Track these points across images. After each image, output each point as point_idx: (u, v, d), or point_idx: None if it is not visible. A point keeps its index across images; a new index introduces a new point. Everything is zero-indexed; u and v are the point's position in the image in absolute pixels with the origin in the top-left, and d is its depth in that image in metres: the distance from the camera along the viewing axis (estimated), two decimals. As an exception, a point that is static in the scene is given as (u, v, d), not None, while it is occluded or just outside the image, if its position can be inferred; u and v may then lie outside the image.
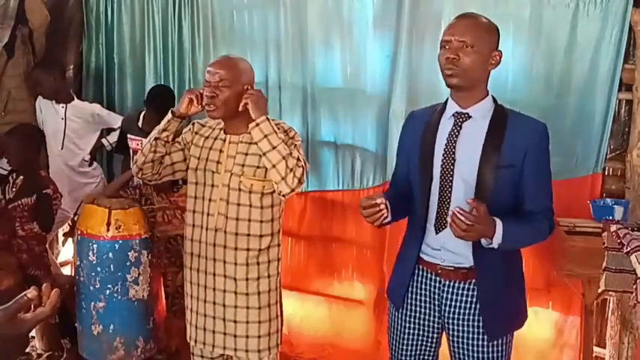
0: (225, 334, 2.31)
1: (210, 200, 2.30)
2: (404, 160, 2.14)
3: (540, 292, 3.18)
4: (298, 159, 2.18)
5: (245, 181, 2.24)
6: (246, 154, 2.26)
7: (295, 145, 2.25)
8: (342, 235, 3.63)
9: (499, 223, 1.81)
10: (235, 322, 2.30)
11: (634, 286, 2.33)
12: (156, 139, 2.30)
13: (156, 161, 2.32)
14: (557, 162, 2.85)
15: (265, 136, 2.16)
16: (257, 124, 2.17)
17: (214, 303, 2.31)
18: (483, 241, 1.85)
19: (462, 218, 1.74)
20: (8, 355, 1.24)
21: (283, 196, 2.22)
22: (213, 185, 2.29)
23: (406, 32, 3.32)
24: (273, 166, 2.16)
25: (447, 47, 1.90)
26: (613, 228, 2.55)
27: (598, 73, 3.06)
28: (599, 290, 2.69)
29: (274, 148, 2.15)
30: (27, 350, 3.37)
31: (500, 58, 1.94)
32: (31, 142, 3.22)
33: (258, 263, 2.29)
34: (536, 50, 3.14)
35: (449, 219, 1.78)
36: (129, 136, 3.57)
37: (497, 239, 1.82)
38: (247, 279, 2.28)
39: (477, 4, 3.01)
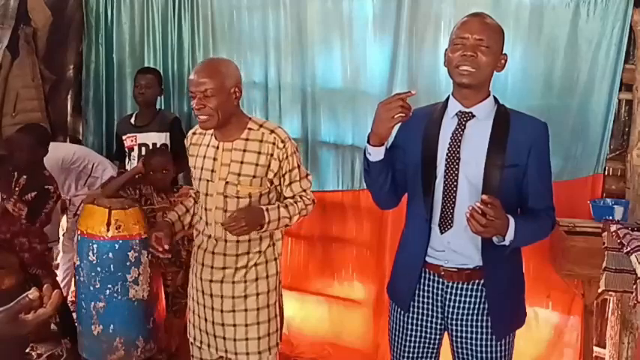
0: (224, 338, 2.31)
1: (206, 210, 2.29)
2: (396, 154, 2.03)
3: (540, 293, 3.18)
4: (308, 204, 2.31)
5: (242, 190, 2.23)
6: (242, 163, 2.23)
7: (295, 154, 2.26)
8: (342, 235, 3.63)
9: (511, 220, 1.81)
10: (234, 325, 2.29)
11: (634, 286, 2.33)
12: None
13: None
14: (557, 163, 2.85)
15: (278, 227, 2.26)
16: (265, 230, 2.24)
17: (213, 309, 2.31)
18: (495, 239, 1.83)
19: (481, 213, 1.72)
20: (9, 356, 1.24)
21: None
22: (207, 194, 2.28)
23: (406, 33, 3.32)
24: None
25: (461, 44, 1.85)
26: (613, 228, 2.55)
27: (598, 73, 3.06)
28: (599, 290, 2.68)
29: (291, 220, 2.27)
30: (27, 350, 3.37)
31: (506, 62, 1.93)
32: (42, 142, 3.20)
33: (256, 264, 2.29)
34: (536, 50, 3.14)
35: (466, 215, 1.75)
36: (123, 137, 3.57)
37: (509, 236, 1.81)
38: (245, 281, 2.28)
39: (476, 4, 3.01)
